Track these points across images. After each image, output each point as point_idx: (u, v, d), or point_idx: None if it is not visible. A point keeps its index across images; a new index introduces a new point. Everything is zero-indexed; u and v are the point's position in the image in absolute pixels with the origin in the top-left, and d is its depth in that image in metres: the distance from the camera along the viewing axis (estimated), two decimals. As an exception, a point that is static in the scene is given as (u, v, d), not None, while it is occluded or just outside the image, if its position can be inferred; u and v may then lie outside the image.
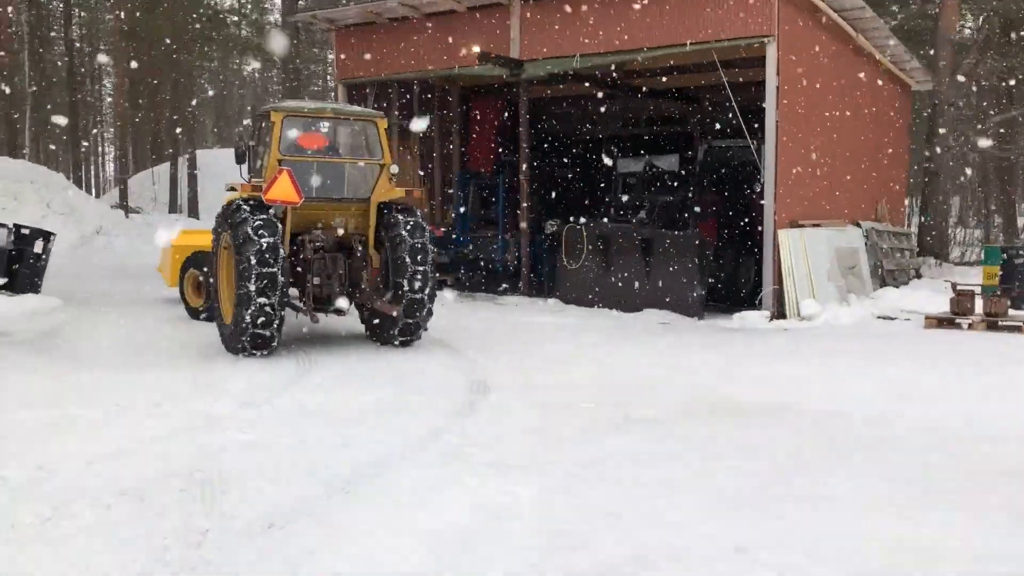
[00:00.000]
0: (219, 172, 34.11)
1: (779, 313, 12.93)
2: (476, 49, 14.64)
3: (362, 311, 10.65)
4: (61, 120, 27.58)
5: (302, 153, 9.88)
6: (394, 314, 9.86)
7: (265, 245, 8.98)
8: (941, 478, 5.60)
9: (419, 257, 9.84)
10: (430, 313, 10.09)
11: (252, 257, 8.90)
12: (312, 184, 9.89)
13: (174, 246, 13.16)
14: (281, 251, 9.14)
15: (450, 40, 15.75)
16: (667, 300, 13.33)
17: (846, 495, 5.24)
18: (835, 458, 6.07)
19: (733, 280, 14.50)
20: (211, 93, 46.05)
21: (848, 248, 14.74)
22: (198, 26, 31.20)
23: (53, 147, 40.80)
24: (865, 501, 5.13)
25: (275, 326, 9.19)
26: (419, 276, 9.81)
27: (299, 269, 10.01)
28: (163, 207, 32.45)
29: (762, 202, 13.52)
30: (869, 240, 16.10)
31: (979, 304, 12.49)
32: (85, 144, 40.37)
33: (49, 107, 34.12)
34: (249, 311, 8.95)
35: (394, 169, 10.24)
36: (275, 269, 9.00)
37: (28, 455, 5.96)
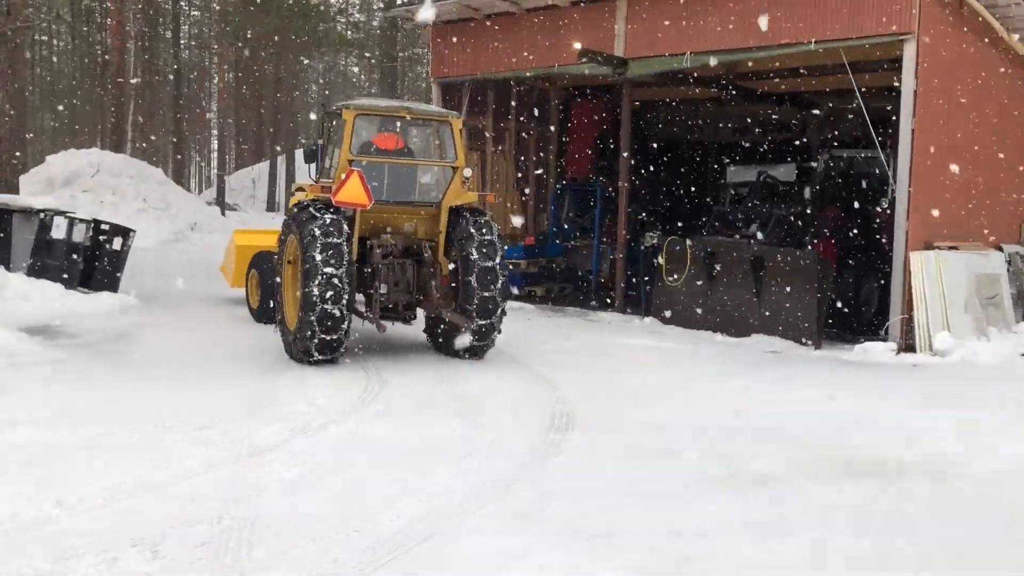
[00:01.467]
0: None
1: (907, 346, 11.46)
2: (577, 46, 13.62)
3: (428, 320, 10.16)
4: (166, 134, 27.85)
5: (374, 153, 9.47)
6: (463, 327, 9.32)
7: (331, 247, 8.58)
8: None
9: (489, 258, 9.33)
10: (502, 316, 9.55)
11: (317, 258, 8.52)
12: (382, 186, 9.49)
13: (238, 246, 12.71)
14: (347, 254, 8.73)
15: (550, 37, 14.79)
16: (779, 325, 12.00)
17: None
18: (999, 546, 4.82)
19: (854, 306, 13.02)
20: (315, 91, 46.44)
21: (989, 275, 13.08)
22: (304, 25, 31.16)
23: (154, 138, 41.74)
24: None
25: (342, 331, 8.71)
26: (489, 275, 9.29)
27: (366, 275, 9.52)
28: (261, 204, 32.56)
29: (886, 219, 12.09)
30: (1013, 266, 14.35)
31: None
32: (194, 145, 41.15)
33: (160, 112, 34.78)
34: (315, 315, 8.50)
35: (467, 172, 9.66)
36: (340, 271, 8.60)
37: (50, 486, 5.30)
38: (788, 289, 11.91)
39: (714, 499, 5.50)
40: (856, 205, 13.54)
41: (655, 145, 18.90)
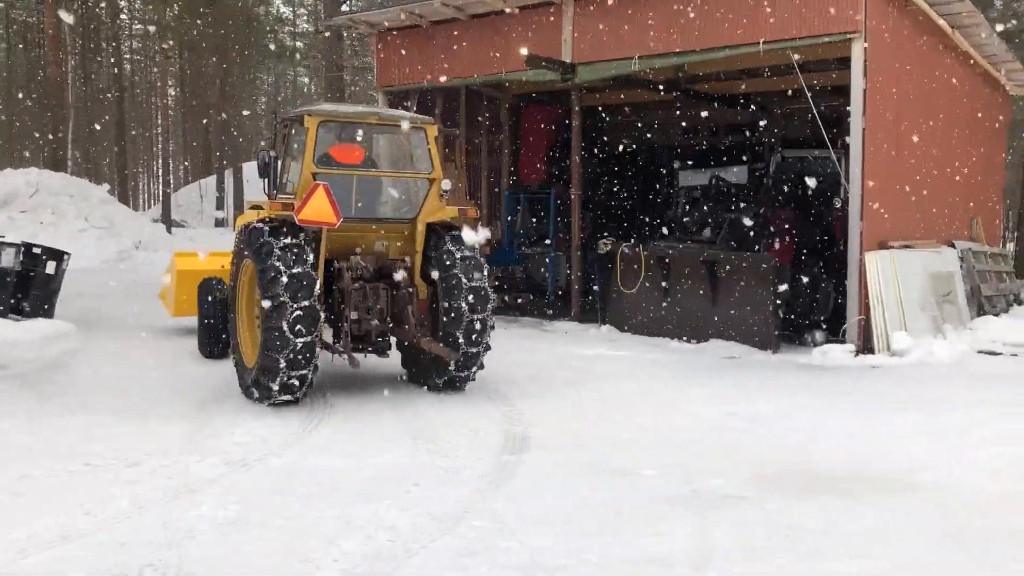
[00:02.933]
0: (268, 184, 33.55)
1: (865, 347, 11.36)
2: (524, 52, 13.37)
3: (404, 351, 9.20)
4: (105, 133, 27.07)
5: (338, 166, 8.43)
6: (450, 362, 8.41)
7: (299, 276, 7.56)
8: None
9: (475, 277, 8.43)
10: (484, 353, 8.72)
11: (282, 291, 7.48)
12: (350, 202, 8.58)
13: (179, 271, 11.53)
14: (316, 281, 7.73)
15: (498, 43, 14.53)
16: (735, 330, 11.84)
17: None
18: (974, 560, 4.61)
19: (811, 308, 12.92)
20: (264, 103, 45.72)
21: (943, 272, 13.07)
22: (249, 36, 30.59)
23: (94, 152, 40.70)
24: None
25: (311, 368, 7.77)
26: (476, 295, 8.39)
27: (332, 302, 8.56)
28: (209, 220, 31.84)
29: (841, 219, 12.00)
30: (965, 263, 14.39)
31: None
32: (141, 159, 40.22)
33: (98, 127, 33.93)
34: (282, 354, 7.49)
35: (446, 185, 8.72)
36: (311, 302, 7.57)
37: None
38: (744, 293, 11.76)
39: (677, 521, 5.24)
40: (809, 206, 13.45)
41: (607, 150, 18.72)
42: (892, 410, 8.25)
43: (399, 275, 8.53)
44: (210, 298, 10.23)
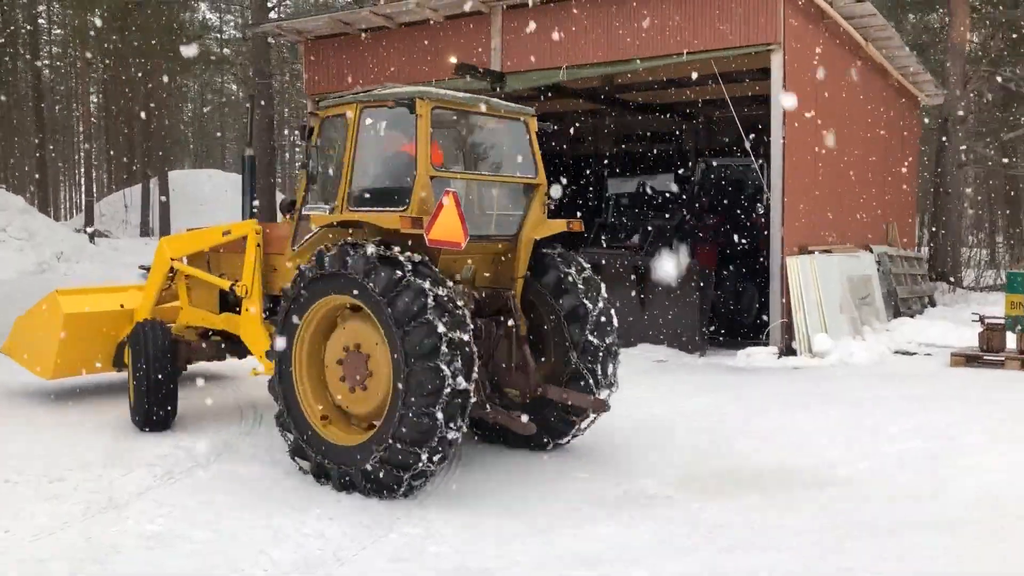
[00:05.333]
0: (195, 194, 32.91)
1: (788, 349, 11.70)
2: (453, 60, 13.45)
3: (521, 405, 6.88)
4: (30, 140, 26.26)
5: (435, 169, 6.23)
6: (587, 408, 6.67)
7: (458, 344, 5.55)
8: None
9: (599, 304, 6.75)
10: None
11: (445, 365, 5.43)
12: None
13: (69, 317, 8.22)
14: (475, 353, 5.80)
15: (427, 51, 14.57)
16: (663, 335, 12.08)
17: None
18: (882, 549, 4.82)
19: (736, 311, 13.24)
20: (190, 110, 44.89)
21: (861, 276, 13.54)
22: (175, 39, 30.03)
23: (12, 161, 39.47)
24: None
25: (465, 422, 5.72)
26: (610, 362, 6.74)
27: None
28: (134, 230, 31.09)
29: (763, 225, 12.34)
30: (882, 266, 14.92)
31: (1010, 339, 11.30)
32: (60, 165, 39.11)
33: (20, 136, 32.85)
34: (427, 446, 5.47)
35: (555, 192, 7.14)
36: (469, 384, 5.61)
37: None
38: (670, 298, 12.00)
39: (606, 522, 5.36)
40: (734, 212, 13.80)
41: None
42: (812, 409, 8.52)
43: (510, 308, 6.69)
44: (155, 350, 7.40)
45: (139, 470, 6.31)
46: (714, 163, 14.90)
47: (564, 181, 18.59)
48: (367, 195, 6.28)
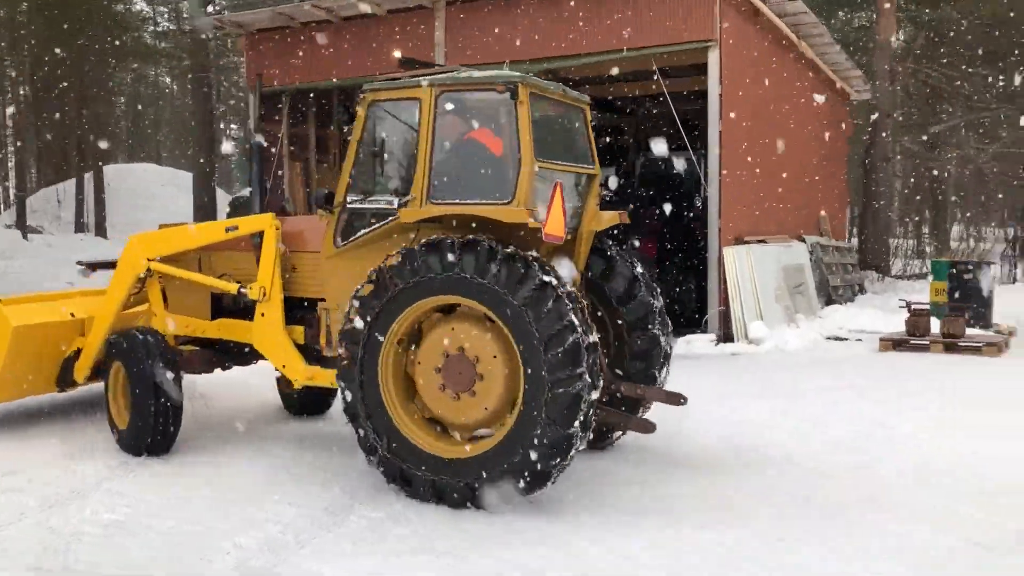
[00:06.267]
0: (131, 188, 32.29)
1: (726, 336, 12.11)
2: (397, 54, 13.54)
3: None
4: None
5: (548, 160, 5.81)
6: (665, 402, 6.34)
7: (594, 348, 5.24)
8: (963, 550, 4.71)
9: (667, 327, 6.56)
10: None
11: (585, 370, 5.08)
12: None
13: (18, 331, 7.12)
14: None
15: (370, 45, 14.63)
16: (608, 324, 12.37)
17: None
18: (827, 525, 5.14)
19: (675, 301, 13.63)
20: (123, 104, 43.91)
21: (794, 265, 14.04)
22: (106, 35, 29.38)
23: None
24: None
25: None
26: (665, 321, 6.56)
27: None
28: (68, 226, 30.41)
29: (701, 216, 12.72)
30: (814, 256, 15.48)
31: (934, 324, 11.87)
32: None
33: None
34: (564, 460, 5.18)
35: (612, 182, 6.97)
36: (600, 392, 5.35)
37: None
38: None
39: (551, 504, 5.55)
40: (673, 205, 14.16)
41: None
42: (750, 393, 8.88)
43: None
44: (161, 364, 6.50)
45: (95, 463, 6.36)
46: (653, 157, 15.25)
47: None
48: (448, 187, 5.68)
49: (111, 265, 7.72)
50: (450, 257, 5.27)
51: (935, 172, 27.79)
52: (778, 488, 5.85)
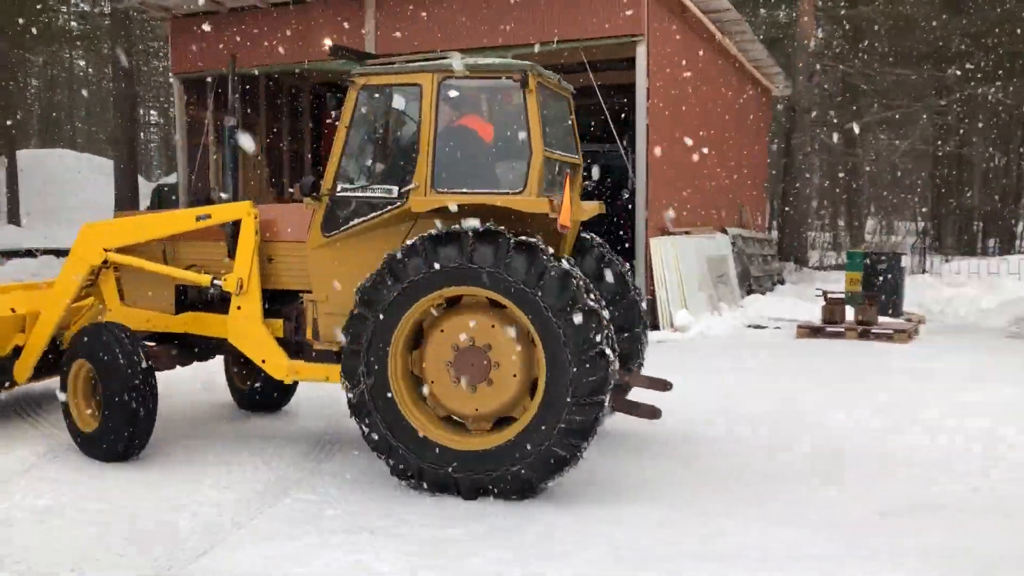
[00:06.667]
0: (48, 174, 31.21)
1: (653, 324, 12.42)
2: (327, 42, 13.46)
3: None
4: None
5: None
6: (663, 388, 6.59)
7: (596, 295, 5.37)
8: (865, 518, 5.01)
9: (646, 323, 6.87)
10: None
11: (606, 344, 5.16)
12: None
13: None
14: None
15: (300, 32, 14.51)
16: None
17: (753, 544, 4.56)
18: (742, 496, 5.40)
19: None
20: (35, 87, 42.36)
21: (717, 256, 14.46)
22: (17, 15, 28.32)
23: None
24: (779, 553, 4.45)
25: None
26: (646, 345, 6.90)
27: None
28: (-21, 214, 29.23)
29: (629, 208, 13.01)
30: (736, 247, 15.95)
31: (849, 312, 12.38)
32: None
33: None
34: (587, 440, 5.21)
35: (594, 173, 7.00)
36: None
37: None
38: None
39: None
40: (602, 197, 14.43)
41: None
42: (675, 377, 9.12)
43: None
44: (132, 361, 5.97)
45: (20, 450, 6.25)
46: (584, 149, 15.46)
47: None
48: (452, 176, 5.54)
49: (29, 254, 7.28)
50: (471, 247, 5.19)
51: (851, 167, 28.81)
52: (698, 464, 6.11)
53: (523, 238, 5.20)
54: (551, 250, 5.22)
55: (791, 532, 4.81)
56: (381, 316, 5.34)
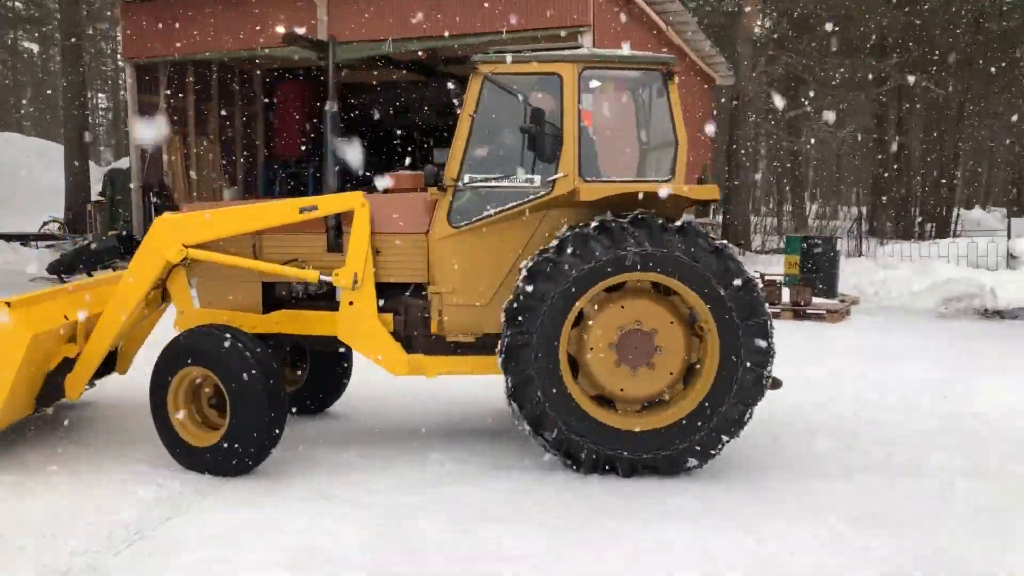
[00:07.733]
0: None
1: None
2: (281, 30, 13.64)
3: None
4: None
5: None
6: None
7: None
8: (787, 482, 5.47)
9: None
10: None
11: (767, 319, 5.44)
12: None
13: (36, 339, 5.63)
14: None
15: (254, 19, 14.64)
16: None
17: (690, 506, 4.99)
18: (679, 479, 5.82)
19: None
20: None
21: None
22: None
23: None
24: (710, 512, 4.89)
25: None
26: None
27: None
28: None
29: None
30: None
31: (785, 293, 12.93)
32: None
33: None
34: (764, 390, 5.50)
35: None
36: None
37: None
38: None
39: (429, 454, 5.99)
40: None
41: (365, 127, 19.26)
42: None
43: None
44: (268, 368, 5.54)
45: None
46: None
47: (393, 150, 19.12)
48: (597, 165, 5.74)
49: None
50: (650, 237, 5.27)
51: (794, 154, 29.58)
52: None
53: (694, 224, 5.36)
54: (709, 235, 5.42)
55: (735, 508, 5.24)
56: (559, 298, 5.35)
